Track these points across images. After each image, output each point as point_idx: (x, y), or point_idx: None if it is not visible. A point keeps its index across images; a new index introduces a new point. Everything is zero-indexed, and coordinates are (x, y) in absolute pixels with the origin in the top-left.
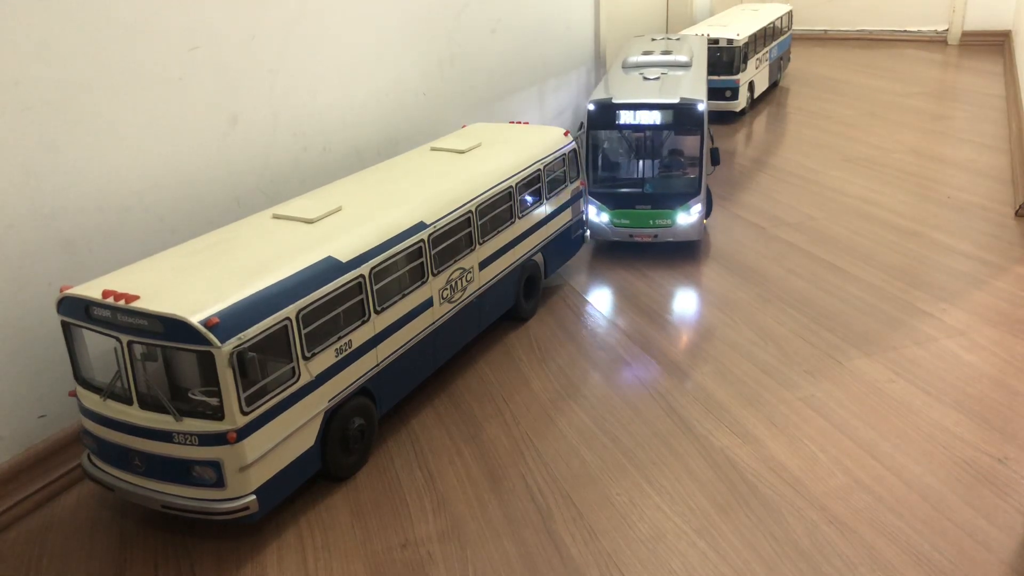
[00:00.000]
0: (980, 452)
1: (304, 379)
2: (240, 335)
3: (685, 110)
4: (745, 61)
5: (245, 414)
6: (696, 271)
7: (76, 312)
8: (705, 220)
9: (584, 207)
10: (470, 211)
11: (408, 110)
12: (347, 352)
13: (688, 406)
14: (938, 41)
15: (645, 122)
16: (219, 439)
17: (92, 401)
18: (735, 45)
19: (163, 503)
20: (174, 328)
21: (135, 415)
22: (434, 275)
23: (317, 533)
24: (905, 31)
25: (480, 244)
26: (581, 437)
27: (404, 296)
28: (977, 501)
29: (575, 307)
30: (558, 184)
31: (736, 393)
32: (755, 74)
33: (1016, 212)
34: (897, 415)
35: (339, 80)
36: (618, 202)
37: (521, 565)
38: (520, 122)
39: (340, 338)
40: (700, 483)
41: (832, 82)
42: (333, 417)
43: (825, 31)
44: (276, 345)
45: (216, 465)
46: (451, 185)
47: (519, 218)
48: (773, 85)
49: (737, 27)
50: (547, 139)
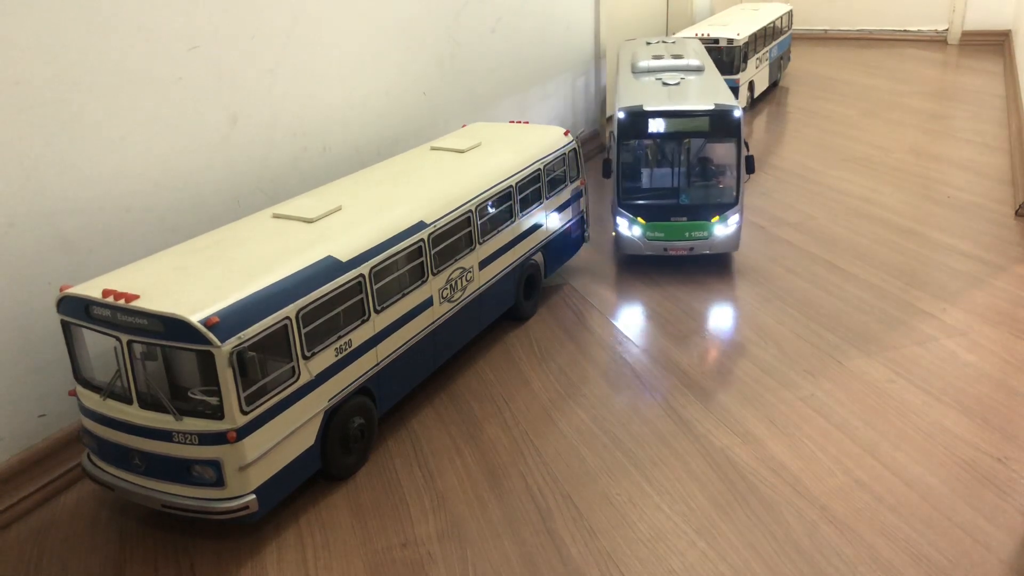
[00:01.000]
0: (980, 452)
1: (304, 378)
2: (240, 334)
3: (722, 117)
4: (745, 61)
5: (245, 413)
6: (696, 271)
7: (76, 311)
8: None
9: (614, 220)
10: (470, 211)
11: (408, 110)
12: (347, 351)
13: (688, 406)
14: (938, 41)
15: (680, 130)
16: (219, 438)
17: (92, 400)
18: (735, 45)
19: (163, 502)
20: (174, 327)
21: (135, 414)
22: (434, 275)
23: (317, 532)
24: (905, 31)
25: (480, 244)
26: (581, 437)
27: (404, 296)
28: (977, 501)
29: (575, 307)
30: (558, 183)
31: (736, 393)
32: (755, 74)
33: (1016, 212)
34: (897, 415)
35: (339, 80)
36: (652, 214)
37: (521, 565)
38: (520, 121)
39: (340, 337)
40: (700, 483)
41: (832, 82)
42: (333, 416)
43: (825, 31)
44: (276, 344)
45: (216, 464)
46: (451, 185)
47: (519, 218)
48: (773, 85)
49: (737, 27)
50: (547, 138)
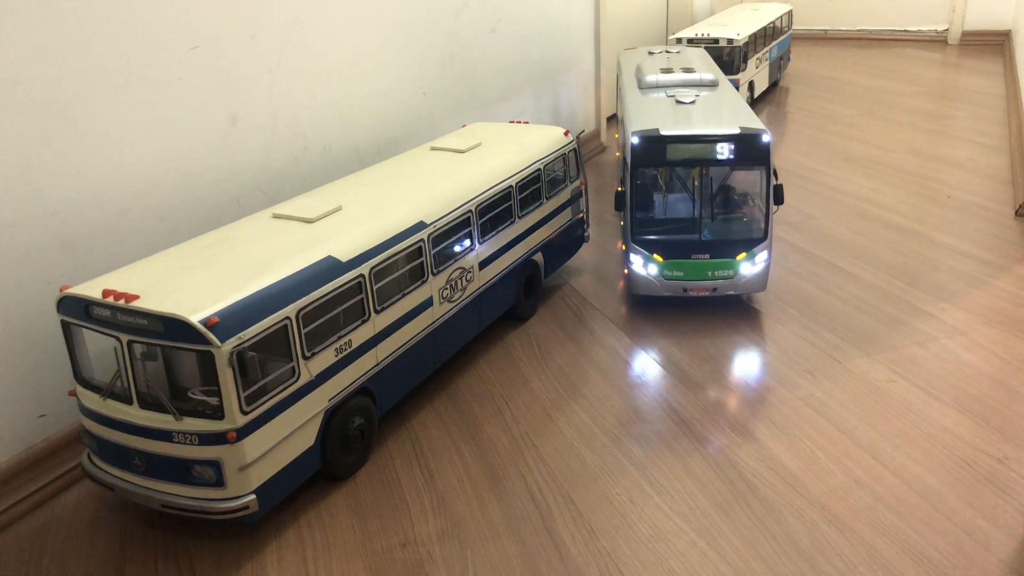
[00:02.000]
0: (980, 452)
1: (304, 378)
2: (240, 334)
3: (749, 142)
4: (745, 61)
5: (245, 413)
6: None
7: (76, 312)
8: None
9: (626, 258)
10: (470, 211)
11: (408, 110)
12: (347, 351)
13: (688, 406)
14: (938, 41)
15: (702, 157)
16: (219, 438)
17: (92, 400)
18: (735, 45)
19: (163, 502)
20: (174, 327)
21: (135, 414)
22: (434, 275)
23: (317, 532)
24: (905, 31)
25: (480, 244)
26: (581, 437)
27: (404, 296)
28: (977, 501)
29: (575, 307)
30: (558, 184)
31: (736, 393)
32: (755, 74)
33: (1016, 212)
34: (897, 415)
35: (339, 80)
36: (669, 251)
37: (521, 565)
38: (520, 122)
39: (340, 337)
40: (700, 483)
41: (832, 82)
42: (333, 416)
43: (825, 31)
44: (276, 344)
45: (216, 464)
46: (451, 185)
47: (519, 218)
48: (773, 85)
49: (737, 27)
50: (547, 139)
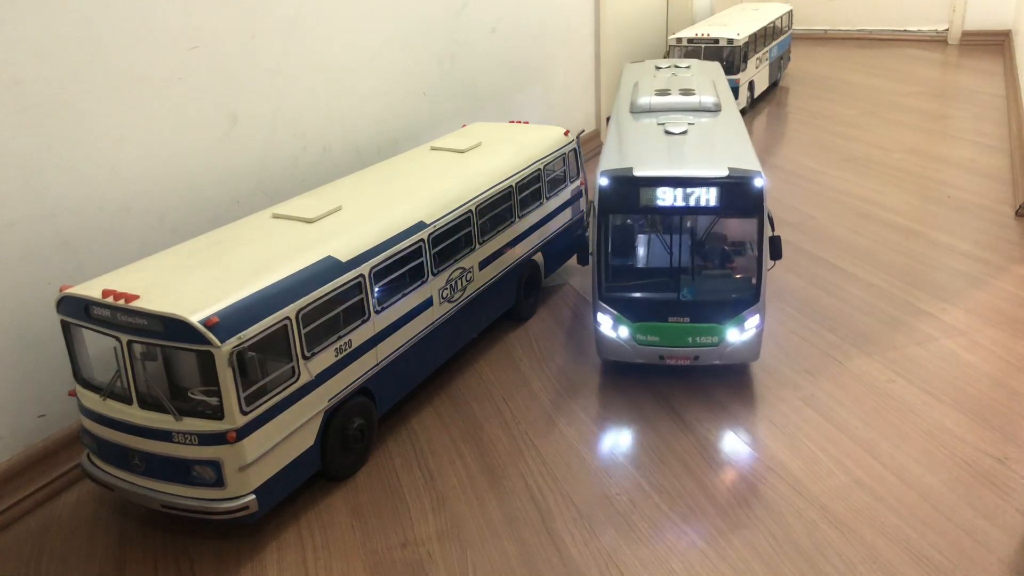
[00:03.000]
0: (980, 452)
1: (304, 379)
2: (240, 334)
3: (738, 187)
4: (745, 61)
5: (245, 414)
6: None
7: (76, 312)
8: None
9: (593, 317)
10: (470, 211)
11: (408, 110)
12: (347, 352)
13: (688, 405)
14: (938, 41)
15: (681, 203)
16: (219, 439)
17: (92, 401)
18: (735, 45)
19: (163, 503)
20: (174, 327)
21: (135, 415)
22: (434, 275)
23: (316, 533)
24: (905, 31)
25: (480, 244)
26: (581, 437)
27: (404, 296)
28: (977, 501)
29: (575, 307)
30: (558, 183)
31: (736, 393)
32: (755, 74)
33: (1016, 212)
34: (897, 415)
35: (339, 80)
36: (643, 312)
37: (521, 565)
38: (520, 121)
39: (340, 338)
40: (700, 483)
41: (832, 82)
42: (333, 417)
43: (825, 31)
44: (276, 345)
45: (216, 465)
46: (451, 185)
47: (519, 218)
48: (773, 85)
49: (737, 27)
50: (547, 138)
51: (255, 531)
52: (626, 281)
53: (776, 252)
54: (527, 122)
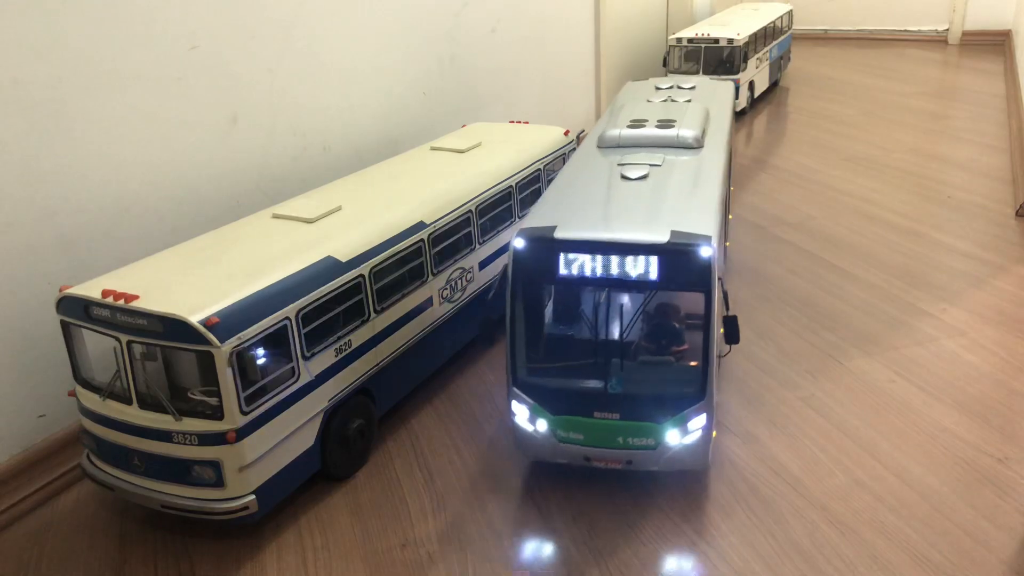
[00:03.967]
0: (980, 452)
1: (304, 379)
2: (240, 335)
3: (680, 257)
4: (745, 61)
5: (244, 414)
6: None
7: (76, 312)
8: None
9: (508, 403)
10: (470, 211)
11: (408, 110)
12: (347, 352)
13: None
14: (938, 41)
15: (611, 274)
16: (218, 439)
17: (91, 401)
18: (735, 45)
19: (162, 503)
20: (174, 328)
21: (134, 415)
22: (434, 275)
23: (316, 533)
24: (905, 31)
25: (480, 244)
26: None
27: (404, 296)
28: (977, 501)
29: None
30: None
31: (736, 393)
32: (755, 74)
33: (1016, 212)
34: (897, 415)
35: (339, 80)
36: (564, 404)
37: (521, 565)
38: (520, 121)
39: (340, 338)
40: (700, 483)
41: (832, 82)
42: (333, 417)
43: (825, 31)
44: (276, 345)
45: (215, 465)
46: (451, 185)
47: (519, 218)
48: (773, 85)
49: (737, 27)
50: (547, 138)
51: (255, 531)
52: (544, 365)
53: (732, 335)
54: (527, 122)
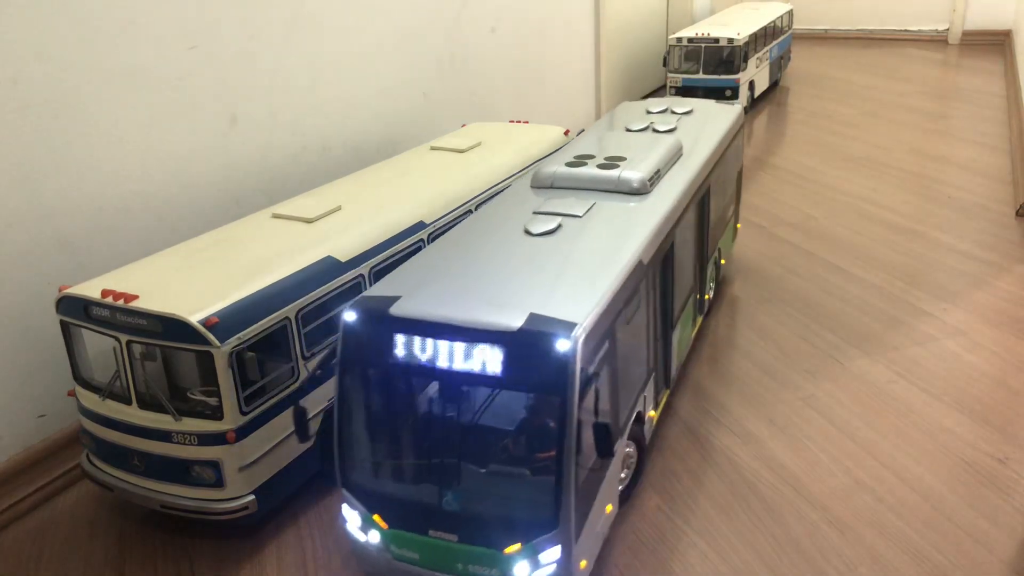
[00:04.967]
0: (981, 452)
1: (304, 379)
2: (239, 335)
3: (532, 350)
4: (745, 60)
5: (244, 414)
6: None
7: (75, 312)
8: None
9: (339, 508)
10: (470, 210)
11: (408, 110)
12: None
13: (688, 406)
14: (939, 40)
15: (449, 364)
16: (218, 439)
17: (91, 401)
18: (735, 44)
19: (162, 503)
20: (173, 328)
21: (134, 415)
22: None
23: (316, 533)
24: (906, 30)
25: None
26: None
27: None
28: (978, 501)
29: None
30: None
31: (736, 393)
32: (755, 73)
33: (1017, 212)
34: (898, 415)
35: (339, 79)
36: (397, 516)
37: None
38: (520, 121)
39: None
40: (700, 483)
41: (832, 81)
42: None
43: (826, 30)
44: (276, 345)
45: (215, 465)
46: (451, 184)
47: None
48: (773, 84)
49: (737, 26)
50: (547, 138)
51: (255, 531)
52: (377, 467)
53: (603, 448)
54: (527, 122)
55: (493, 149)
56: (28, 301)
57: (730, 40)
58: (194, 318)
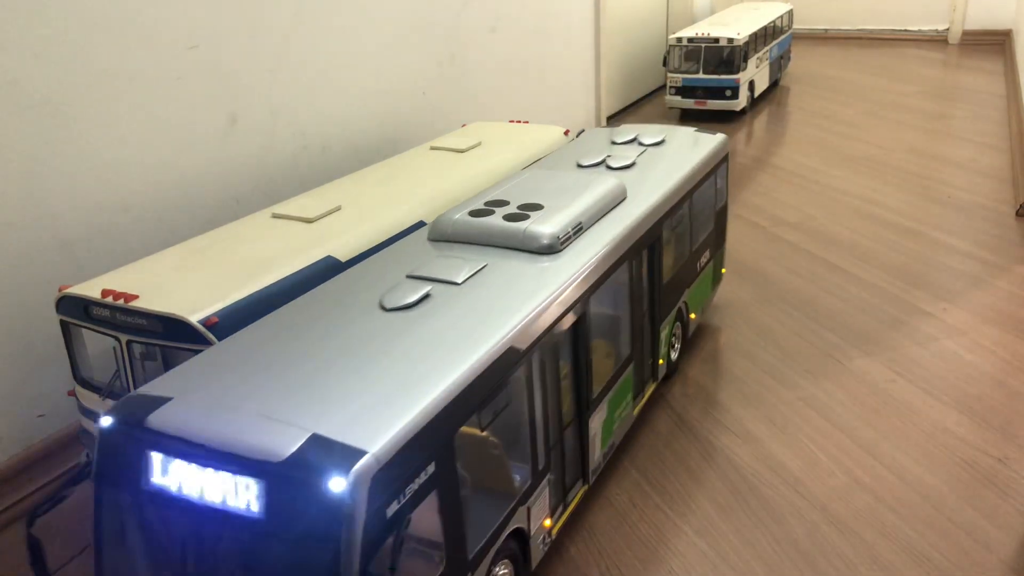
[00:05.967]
0: (980, 452)
1: None
2: None
3: (292, 489)
4: (745, 60)
5: None
6: None
7: (75, 311)
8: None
9: None
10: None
11: (408, 110)
12: None
13: (688, 406)
14: (939, 40)
15: (203, 497)
16: None
17: (91, 400)
18: (735, 44)
19: None
20: (173, 327)
21: None
22: None
23: None
24: (906, 30)
25: None
26: None
27: None
28: (977, 501)
29: None
30: None
31: (736, 393)
32: (755, 73)
33: (1017, 212)
34: (897, 415)
35: (339, 79)
36: None
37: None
38: (520, 121)
39: None
40: (700, 483)
41: (833, 81)
42: None
43: (826, 30)
44: None
45: None
46: (451, 184)
47: None
48: (773, 84)
49: (737, 26)
50: (546, 138)
51: None
52: None
53: None
54: (527, 122)
55: (493, 149)
56: (28, 301)
57: (730, 40)
58: (194, 318)
